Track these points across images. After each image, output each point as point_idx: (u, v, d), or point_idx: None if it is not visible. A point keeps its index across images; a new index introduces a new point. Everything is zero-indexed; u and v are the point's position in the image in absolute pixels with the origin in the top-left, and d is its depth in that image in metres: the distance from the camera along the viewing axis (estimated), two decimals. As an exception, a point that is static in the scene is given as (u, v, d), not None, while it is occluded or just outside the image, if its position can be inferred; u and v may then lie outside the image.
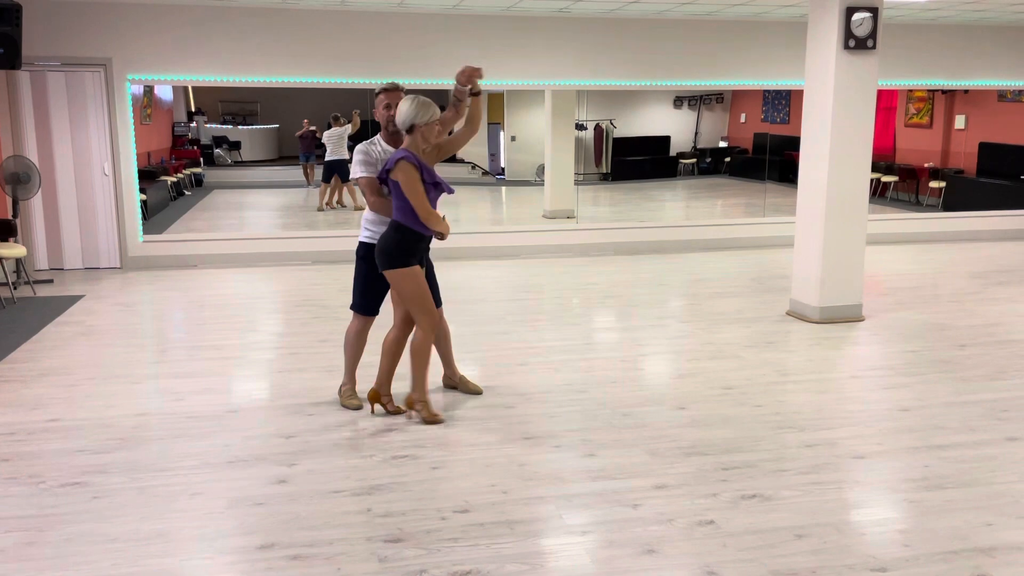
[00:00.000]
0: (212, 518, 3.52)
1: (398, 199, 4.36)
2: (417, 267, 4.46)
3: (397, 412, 4.67)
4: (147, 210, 10.76)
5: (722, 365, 5.66)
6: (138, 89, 12.19)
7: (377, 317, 4.87)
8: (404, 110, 4.33)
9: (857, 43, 6.48)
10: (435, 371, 4.99)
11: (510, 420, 4.64)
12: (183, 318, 7.07)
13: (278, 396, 5.05)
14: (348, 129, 13.15)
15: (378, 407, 4.71)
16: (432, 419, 4.54)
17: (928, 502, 3.65)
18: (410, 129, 4.35)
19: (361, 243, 4.76)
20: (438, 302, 4.81)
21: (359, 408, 4.78)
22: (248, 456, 4.15)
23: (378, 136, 4.71)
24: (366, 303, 4.80)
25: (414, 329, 4.57)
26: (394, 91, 4.66)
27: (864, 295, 7.10)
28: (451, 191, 4.48)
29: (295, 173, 15.78)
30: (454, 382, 5.13)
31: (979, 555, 3.21)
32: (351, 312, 4.87)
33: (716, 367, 5.61)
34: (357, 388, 4.91)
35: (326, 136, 13.13)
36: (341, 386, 4.94)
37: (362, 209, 13.72)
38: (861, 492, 3.77)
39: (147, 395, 5.08)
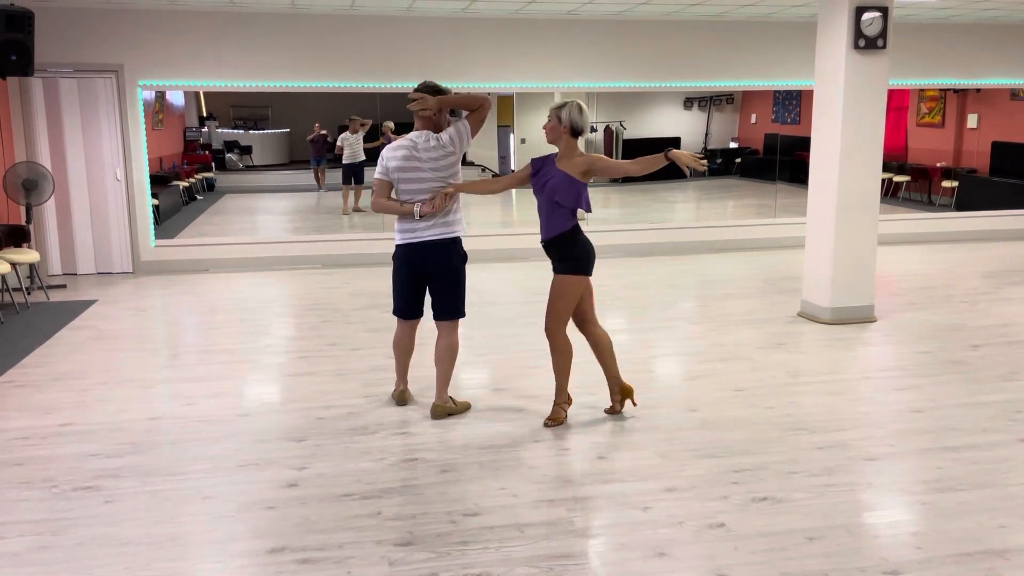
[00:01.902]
0: (223, 522, 3.53)
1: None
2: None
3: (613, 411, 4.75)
4: (159, 215, 10.82)
5: (733, 367, 5.64)
6: (150, 95, 12.25)
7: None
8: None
9: (867, 43, 6.45)
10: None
11: (520, 423, 4.64)
12: (195, 322, 7.10)
13: (289, 400, 5.06)
14: (361, 133, 13.29)
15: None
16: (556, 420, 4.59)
17: (941, 504, 3.63)
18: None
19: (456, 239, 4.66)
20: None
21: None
22: (259, 460, 4.17)
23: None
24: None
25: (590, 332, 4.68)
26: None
27: (876, 296, 7.06)
28: (572, 206, 4.45)
29: (306, 177, 15.82)
30: (406, 398, 4.94)
31: (992, 557, 3.18)
32: (395, 317, 4.86)
33: (727, 369, 5.60)
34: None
35: (348, 139, 13.37)
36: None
37: (361, 211, 13.48)
38: (873, 494, 3.75)
39: (159, 399, 5.10)
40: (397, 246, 4.68)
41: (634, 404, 4.79)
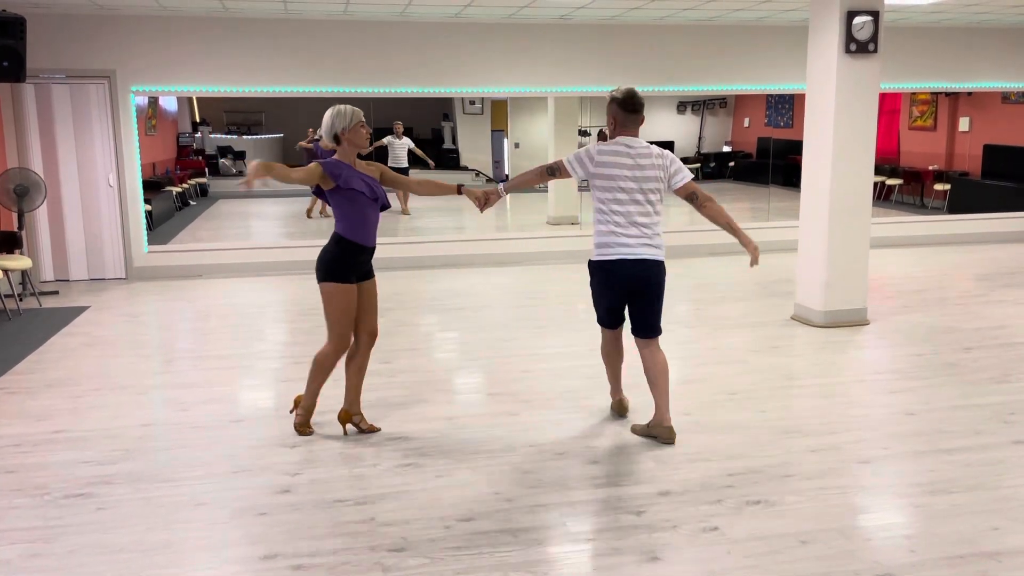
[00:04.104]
0: (216, 528, 3.52)
1: (338, 209, 4.26)
2: (351, 285, 4.31)
3: (372, 430, 4.55)
4: (152, 220, 10.80)
5: (727, 370, 5.64)
6: (142, 100, 12.24)
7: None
8: (324, 122, 4.25)
9: (858, 47, 6.48)
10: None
11: (514, 427, 4.64)
12: (188, 328, 7.08)
13: (283, 406, 5.05)
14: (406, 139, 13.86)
15: (350, 427, 4.58)
16: (301, 430, 4.51)
17: (934, 506, 3.64)
18: (336, 139, 4.25)
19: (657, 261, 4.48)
20: (617, 322, 4.61)
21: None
22: (252, 466, 4.16)
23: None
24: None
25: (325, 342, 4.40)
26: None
27: (869, 299, 7.08)
28: (387, 206, 4.36)
29: (300, 182, 15.81)
30: (625, 407, 4.85)
31: (986, 560, 3.19)
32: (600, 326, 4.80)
33: (721, 372, 5.60)
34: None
35: (393, 143, 13.76)
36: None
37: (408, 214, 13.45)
38: (867, 497, 3.76)
39: (152, 405, 5.09)
40: (602, 261, 4.54)
41: (344, 432, 4.58)
